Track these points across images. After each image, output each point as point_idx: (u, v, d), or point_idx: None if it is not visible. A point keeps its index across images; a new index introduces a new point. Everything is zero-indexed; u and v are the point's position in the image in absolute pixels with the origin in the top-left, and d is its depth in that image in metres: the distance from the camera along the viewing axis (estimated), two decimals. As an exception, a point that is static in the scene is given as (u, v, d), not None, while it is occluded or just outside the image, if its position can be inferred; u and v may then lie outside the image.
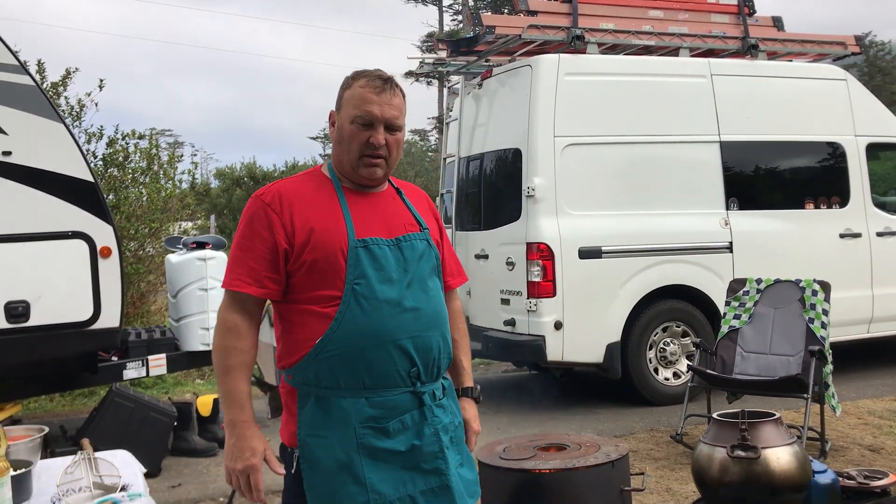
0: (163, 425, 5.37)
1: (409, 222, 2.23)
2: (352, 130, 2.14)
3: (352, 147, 2.14)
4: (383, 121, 2.14)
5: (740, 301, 5.59)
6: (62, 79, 8.84)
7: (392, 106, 2.15)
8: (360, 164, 2.15)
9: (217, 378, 2.16)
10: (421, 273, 2.18)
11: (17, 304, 4.79)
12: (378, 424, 2.07)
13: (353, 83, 2.17)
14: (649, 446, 5.48)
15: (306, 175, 2.25)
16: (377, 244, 2.13)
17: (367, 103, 2.12)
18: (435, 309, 2.19)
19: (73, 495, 2.54)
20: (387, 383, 2.08)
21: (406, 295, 2.12)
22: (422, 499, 2.10)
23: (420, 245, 2.20)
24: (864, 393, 6.71)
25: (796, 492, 2.66)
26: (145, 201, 9.53)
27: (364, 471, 2.05)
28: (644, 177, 6.67)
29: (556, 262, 6.28)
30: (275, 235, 2.10)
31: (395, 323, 2.09)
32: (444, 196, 7.80)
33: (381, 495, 2.05)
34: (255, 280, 2.10)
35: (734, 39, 7.41)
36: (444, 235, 2.41)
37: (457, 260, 2.48)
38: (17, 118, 4.79)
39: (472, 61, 7.36)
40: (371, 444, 2.06)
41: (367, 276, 2.08)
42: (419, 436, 2.11)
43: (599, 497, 2.82)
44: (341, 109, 2.18)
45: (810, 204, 7.24)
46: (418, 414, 2.12)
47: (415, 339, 2.11)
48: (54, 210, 4.88)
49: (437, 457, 2.13)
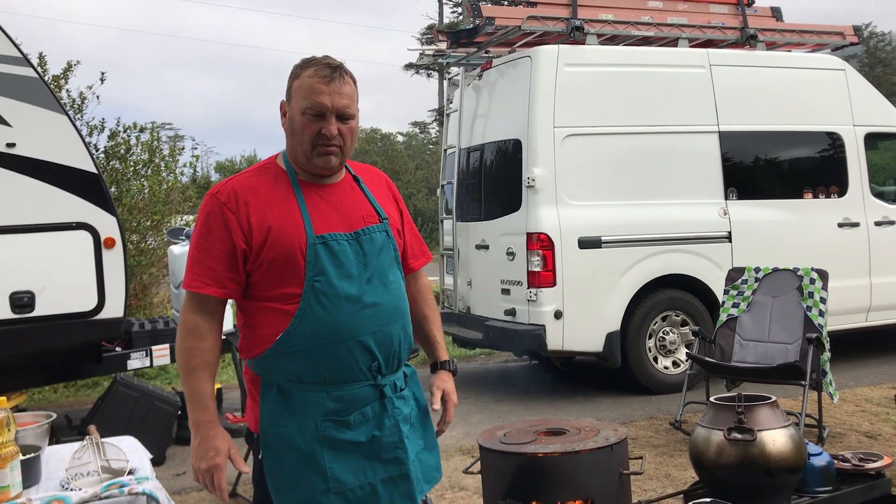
0: (167, 414, 5.43)
1: (367, 213, 2.21)
2: (303, 122, 2.10)
3: (304, 139, 2.11)
4: (334, 111, 2.10)
5: (739, 289, 5.64)
6: (63, 72, 8.89)
7: (342, 95, 2.11)
8: (314, 155, 2.13)
9: (181, 378, 2.18)
10: (381, 267, 2.18)
11: (23, 295, 4.83)
12: (339, 417, 2.11)
13: (301, 73, 2.13)
14: (648, 434, 5.53)
15: (261, 168, 2.22)
16: (336, 240, 2.12)
17: (316, 94, 2.08)
18: (395, 303, 2.20)
19: (82, 479, 2.59)
20: (348, 378, 2.11)
21: (366, 290, 2.13)
22: (381, 486, 2.16)
23: (379, 237, 2.19)
24: (861, 381, 6.76)
25: (792, 473, 2.70)
26: (147, 194, 9.58)
27: (325, 460, 2.09)
28: (643, 167, 6.71)
29: (556, 252, 6.32)
30: (232, 236, 2.09)
31: (356, 319, 2.11)
32: (444, 187, 7.83)
33: (342, 483, 2.10)
34: (216, 281, 2.10)
35: (733, 30, 7.43)
36: (406, 216, 2.40)
37: (420, 240, 2.46)
38: (21, 110, 4.83)
39: (472, 52, 7.38)
40: (332, 436, 2.10)
41: (326, 273, 2.08)
42: (379, 427, 2.15)
43: (599, 480, 2.86)
44: (291, 100, 2.14)
45: (809, 193, 7.28)
46: (378, 406, 2.16)
47: (375, 334, 2.13)
48: (58, 201, 4.92)
49: (397, 447, 2.17)
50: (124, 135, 9.42)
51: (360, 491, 2.13)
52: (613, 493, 2.87)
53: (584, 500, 2.83)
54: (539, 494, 2.85)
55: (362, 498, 2.13)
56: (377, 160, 31.78)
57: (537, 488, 2.86)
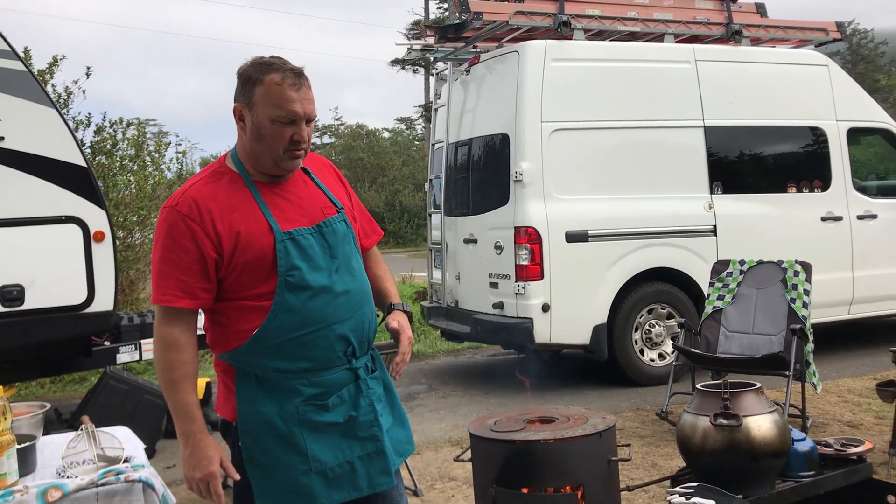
0: (157, 408, 5.43)
1: (325, 205, 2.25)
2: (274, 129, 2.10)
3: (275, 145, 2.11)
4: (305, 117, 2.12)
5: (724, 282, 5.71)
6: (49, 66, 8.84)
7: (309, 100, 2.13)
8: (284, 159, 2.15)
9: (164, 392, 2.20)
10: (345, 255, 2.23)
11: (12, 288, 4.83)
12: (318, 401, 2.17)
13: (263, 78, 2.09)
14: (635, 424, 5.60)
15: (214, 173, 2.21)
16: (302, 234, 2.15)
17: (288, 102, 2.08)
18: (362, 288, 2.27)
19: (78, 467, 2.61)
20: (326, 365, 2.17)
21: (336, 280, 2.18)
22: (359, 463, 2.23)
23: (340, 227, 2.24)
24: (844, 372, 6.86)
25: (776, 458, 2.76)
26: (133, 189, 9.56)
27: (305, 442, 2.15)
28: (630, 161, 6.77)
29: (543, 246, 6.37)
30: (200, 246, 2.09)
31: (330, 309, 2.16)
32: (432, 182, 7.87)
33: (322, 462, 2.17)
34: (187, 292, 2.10)
35: (718, 25, 7.50)
36: (354, 198, 2.44)
37: (370, 219, 2.50)
38: (10, 103, 4.83)
39: (459, 47, 7.42)
40: (312, 419, 2.16)
41: (298, 268, 2.12)
42: (355, 407, 2.23)
43: (588, 467, 2.90)
44: (255, 107, 2.10)
45: (793, 188, 7.37)
46: (354, 387, 2.23)
47: (349, 320, 2.19)
48: (48, 195, 4.92)
49: (373, 425, 2.25)
50: (110, 130, 9.39)
51: (340, 469, 2.20)
52: (602, 479, 2.91)
53: (572, 486, 2.86)
54: (529, 481, 2.89)
55: (341, 476, 2.20)
56: (363, 156, 31.75)
57: (527, 475, 2.89)
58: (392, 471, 2.29)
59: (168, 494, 2.65)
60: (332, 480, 2.19)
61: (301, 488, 2.16)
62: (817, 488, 2.91)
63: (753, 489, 2.75)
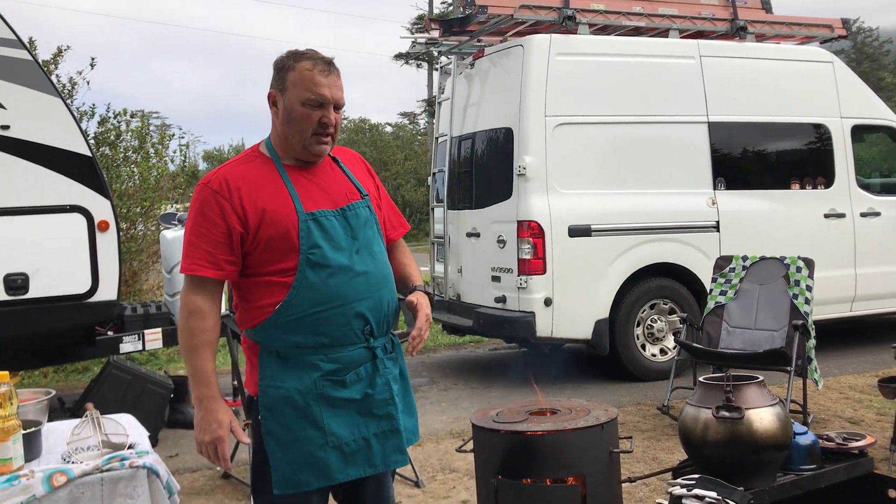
0: (159, 397, 5.46)
1: (349, 191, 2.36)
2: (303, 112, 2.23)
3: (304, 128, 2.24)
4: (333, 101, 2.25)
5: (726, 277, 5.71)
6: (53, 57, 8.85)
7: (337, 87, 2.27)
8: (312, 143, 2.26)
9: (184, 358, 2.28)
10: (367, 239, 2.33)
11: (17, 277, 4.85)
12: (336, 377, 2.25)
13: (296, 65, 2.24)
14: (637, 419, 5.61)
15: (247, 156, 2.35)
16: (325, 216, 2.26)
17: (317, 86, 2.22)
18: (382, 271, 2.35)
19: (83, 453, 2.63)
20: (343, 341, 2.26)
21: (356, 260, 2.28)
22: (374, 440, 2.31)
23: (363, 212, 2.34)
24: (845, 369, 6.86)
25: (778, 450, 2.77)
26: (137, 180, 9.57)
27: (322, 417, 2.24)
28: (633, 156, 6.77)
29: (546, 240, 6.38)
30: (227, 221, 2.21)
31: (349, 287, 2.24)
32: (436, 175, 7.87)
33: (338, 437, 2.25)
34: (213, 263, 2.21)
35: (723, 21, 7.50)
36: (382, 191, 2.54)
37: (397, 212, 2.60)
38: (15, 92, 4.84)
39: (464, 41, 7.42)
40: (329, 395, 2.25)
41: (319, 246, 2.22)
42: (372, 385, 2.30)
43: (589, 458, 2.91)
44: (287, 91, 2.25)
45: (796, 184, 7.37)
46: (371, 366, 2.31)
47: (367, 300, 2.27)
48: (52, 184, 4.94)
49: (388, 403, 2.33)
50: (114, 121, 9.40)
51: (355, 444, 2.28)
52: (603, 470, 2.93)
53: (574, 477, 2.88)
54: (530, 472, 2.90)
55: (357, 451, 2.28)
56: (365, 150, 31.69)
57: (529, 466, 2.90)
58: (405, 449, 2.36)
59: (172, 481, 2.66)
60: (348, 456, 2.27)
61: (317, 462, 2.23)
62: (818, 482, 2.92)
63: (755, 481, 2.76)
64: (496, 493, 2.90)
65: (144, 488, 2.53)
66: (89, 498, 2.48)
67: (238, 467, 4.76)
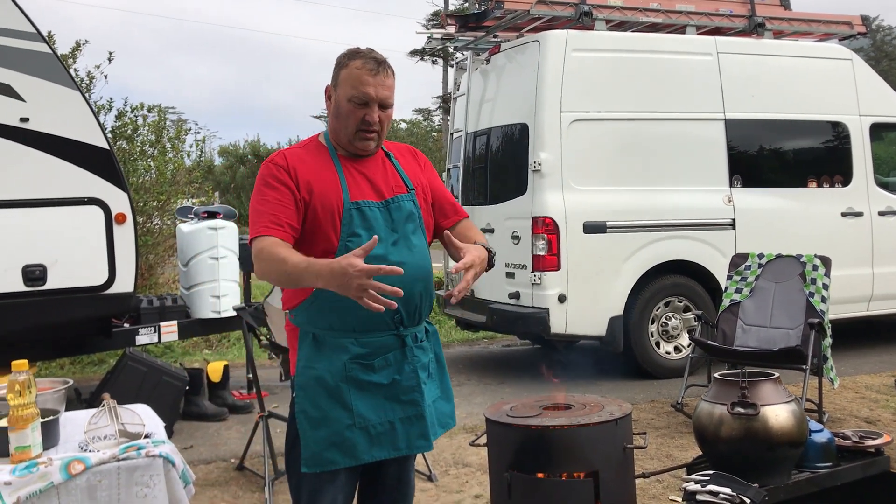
0: (175, 389, 5.49)
1: (397, 184, 2.45)
2: (349, 108, 2.35)
3: (349, 123, 2.36)
4: (378, 100, 2.34)
5: (742, 275, 5.69)
6: (72, 51, 8.91)
7: (385, 87, 2.35)
8: (356, 139, 2.38)
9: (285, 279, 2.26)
10: (406, 231, 2.41)
11: (35, 268, 4.89)
12: (365, 361, 2.35)
13: (349, 63, 2.35)
14: (650, 416, 5.59)
15: (305, 144, 2.49)
16: (368, 206, 2.36)
17: (363, 85, 2.32)
18: (418, 263, 2.40)
19: (100, 442, 2.65)
20: (373, 327, 2.35)
21: (392, 251, 2.35)
22: (399, 425, 2.39)
23: (407, 206, 2.43)
24: (861, 369, 6.82)
25: (793, 447, 2.76)
26: (154, 174, 9.62)
27: (351, 398, 2.34)
28: (649, 153, 6.74)
29: (560, 236, 6.37)
30: (290, 187, 2.34)
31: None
32: (450, 171, 7.87)
33: (365, 419, 2.35)
34: (277, 224, 2.30)
35: (741, 18, 7.45)
36: (436, 182, 2.60)
37: (452, 201, 2.64)
38: (35, 85, 4.87)
39: (480, 37, 7.41)
40: (358, 377, 2.34)
41: (358, 235, 2.32)
42: (399, 371, 2.39)
43: (603, 453, 2.91)
44: (338, 87, 2.38)
45: (813, 182, 7.32)
46: (400, 353, 2.39)
47: None
48: (70, 176, 4.97)
49: (414, 390, 2.40)
50: (131, 115, 9.46)
51: (381, 427, 2.36)
52: (617, 466, 2.92)
53: (588, 472, 2.87)
54: (544, 467, 2.90)
55: (382, 434, 2.37)
56: (380, 146, 31.65)
57: (542, 460, 2.90)
58: (430, 436, 2.43)
59: (187, 471, 2.69)
60: (374, 437, 2.36)
61: (345, 442, 2.32)
62: (834, 479, 2.90)
63: (769, 478, 2.75)
64: (509, 487, 2.91)
65: (161, 477, 2.55)
66: (106, 486, 2.50)
67: (252, 459, 4.79)
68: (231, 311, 5.81)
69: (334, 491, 2.39)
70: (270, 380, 6.68)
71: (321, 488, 2.37)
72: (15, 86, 4.82)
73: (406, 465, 2.59)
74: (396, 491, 2.57)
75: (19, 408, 2.47)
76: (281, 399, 6.26)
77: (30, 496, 2.38)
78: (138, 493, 2.53)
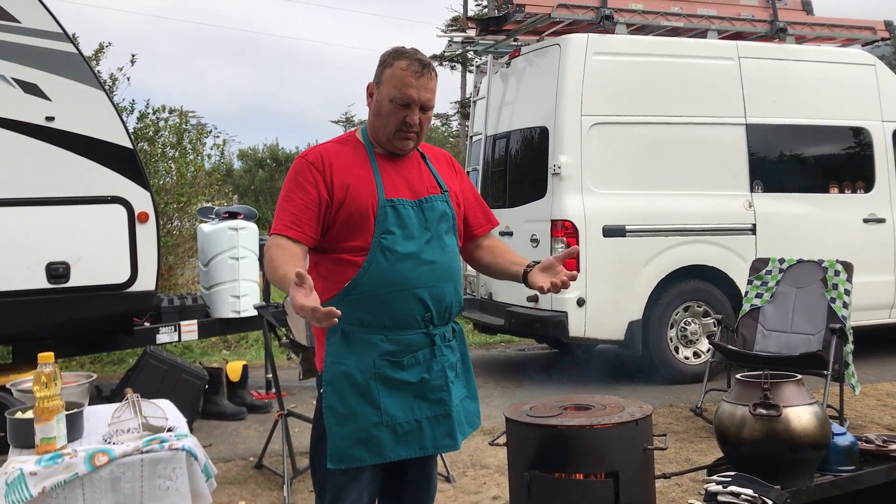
0: (194, 388, 5.53)
1: (431, 185, 2.46)
2: (390, 108, 2.34)
3: (389, 123, 2.36)
4: (420, 103, 2.35)
5: (762, 280, 5.65)
6: (95, 53, 9.01)
7: (428, 89, 2.35)
8: (395, 138, 2.38)
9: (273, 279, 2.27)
10: (439, 231, 2.42)
11: (58, 266, 4.94)
12: (394, 358, 2.35)
13: (394, 63, 2.35)
14: (669, 420, 5.57)
15: (344, 139, 2.49)
16: (403, 204, 2.37)
17: (406, 87, 2.32)
18: (449, 263, 2.43)
19: (123, 435, 2.68)
20: (403, 325, 2.35)
21: (425, 249, 2.37)
22: (426, 423, 2.40)
23: (440, 206, 2.44)
24: (883, 377, 6.75)
25: (816, 450, 2.73)
26: (175, 176, 9.70)
27: (379, 396, 2.33)
28: (669, 157, 6.72)
29: (580, 240, 6.36)
30: (318, 189, 2.33)
31: (415, 274, 2.34)
32: (469, 174, 7.88)
33: (392, 417, 2.34)
34: (297, 225, 2.31)
35: (763, 22, 7.42)
36: (470, 187, 2.64)
37: (485, 208, 2.68)
38: (61, 85, 4.93)
39: (500, 40, 7.42)
40: (386, 375, 2.34)
41: (392, 232, 2.33)
42: (428, 370, 2.39)
43: (623, 454, 2.90)
44: (381, 86, 2.37)
45: (835, 188, 7.27)
46: (429, 352, 2.39)
47: (430, 288, 2.36)
48: (94, 175, 5.03)
49: (443, 389, 2.41)
50: (153, 117, 9.55)
51: (408, 426, 2.36)
52: (637, 467, 2.91)
53: (607, 473, 2.87)
54: (563, 466, 2.89)
55: (409, 433, 2.36)
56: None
57: (562, 460, 2.90)
58: (458, 436, 2.44)
59: (209, 464, 2.71)
60: (401, 436, 2.35)
61: (372, 439, 2.32)
62: (857, 483, 2.87)
63: (791, 481, 2.73)
64: (529, 486, 2.90)
65: (183, 470, 2.58)
66: (129, 478, 2.53)
67: (270, 458, 4.81)
68: (251, 310, 5.85)
69: (359, 489, 2.38)
70: (289, 380, 6.71)
71: (347, 485, 2.37)
72: (41, 85, 4.89)
73: (430, 464, 2.59)
74: (419, 489, 2.57)
75: (45, 399, 2.50)
76: (299, 399, 6.28)
77: (55, 486, 2.41)
78: (161, 485, 2.56)
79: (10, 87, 4.84)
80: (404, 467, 2.49)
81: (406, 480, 2.53)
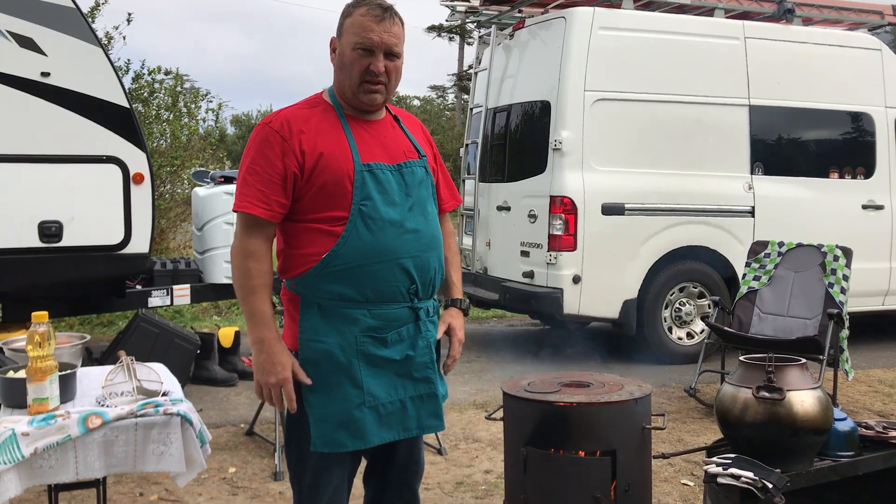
0: (186, 352, 5.48)
1: (407, 149, 2.33)
2: (353, 57, 2.20)
3: (353, 73, 2.21)
4: (383, 48, 2.20)
5: (761, 263, 5.63)
6: (91, 10, 8.83)
7: (391, 34, 2.21)
8: (361, 91, 2.22)
9: (240, 300, 2.24)
10: (420, 198, 2.30)
11: (51, 224, 4.86)
12: (377, 334, 2.22)
13: (353, 11, 2.22)
14: (661, 400, 5.56)
15: (310, 102, 2.32)
16: (381, 169, 2.23)
17: (367, 31, 2.18)
18: (433, 232, 2.32)
19: (117, 398, 2.63)
20: (388, 298, 2.22)
21: (408, 217, 2.25)
22: (410, 403, 2.29)
23: (419, 171, 2.32)
24: (875, 363, 6.78)
25: (817, 434, 2.72)
26: (169, 139, 9.58)
27: (361, 375, 2.21)
28: (671, 136, 6.66)
29: (578, 217, 6.31)
30: (284, 160, 2.17)
31: (399, 243, 2.22)
32: (468, 147, 7.80)
33: (375, 398, 2.22)
34: (265, 202, 2.17)
35: (770, 3, 7.33)
36: (439, 160, 2.50)
37: (451, 184, 2.56)
38: (57, 39, 4.80)
39: (504, 11, 7.31)
40: (369, 352, 2.21)
41: (372, 198, 2.19)
42: (413, 347, 2.28)
43: (621, 433, 2.88)
44: (342, 37, 2.24)
45: (835, 173, 7.24)
46: (414, 327, 2.28)
47: (415, 258, 2.24)
48: (89, 133, 4.92)
49: (428, 367, 2.31)
50: (148, 78, 9.40)
51: (391, 407, 2.26)
52: (635, 446, 2.89)
53: (605, 450, 2.85)
54: (561, 443, 2.87)
55: (392, 413, 2.26)
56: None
57: (559, 437, 2.88)
58: (442, 415, 2.34)
59: (204, 430, 2.66)
60: (384, 417, 2.24)
61: (353, 422, 2.20)
62: (855, 469, 2.86)
63: (791, 465, 2.71)
64: (525, 462, 2.88)
65: (177, 435, 2.53)
66: (123, 442, 2.48)
67: (261, 425, 4.78)
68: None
69: (341, 470, 2.28)
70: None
71: (328, 467, 2.25)
72: (37, 39, 4.76)
73: (417, 443, 2.46)
74: (407, 470, 2.45)
75: (38, 359, 2.45)
76: (291, 367, 6.24)
77: (47, 448, 2.37)
78: (155, 450, 2.52)
79: (5, 41, 4.72)
80: (391, 447, 2.36)
81: (392, 460, 2.41)
